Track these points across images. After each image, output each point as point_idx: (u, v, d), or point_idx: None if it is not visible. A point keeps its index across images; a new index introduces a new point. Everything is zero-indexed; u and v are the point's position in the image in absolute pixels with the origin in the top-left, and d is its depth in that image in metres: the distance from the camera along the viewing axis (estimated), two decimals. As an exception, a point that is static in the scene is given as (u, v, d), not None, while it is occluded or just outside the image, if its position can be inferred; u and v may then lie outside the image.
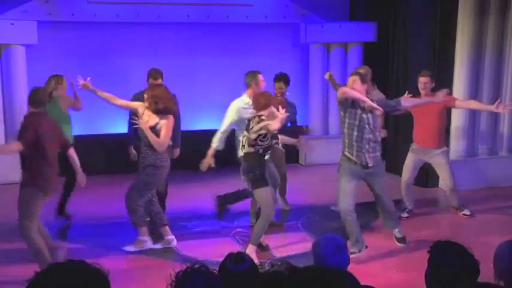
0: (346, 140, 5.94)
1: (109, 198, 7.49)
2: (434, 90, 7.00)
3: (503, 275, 3.06)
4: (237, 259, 2.84)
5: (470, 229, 6.83)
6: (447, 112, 7.30)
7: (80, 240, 6.52)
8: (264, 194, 5.85)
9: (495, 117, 8.62)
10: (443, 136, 7.17)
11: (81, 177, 5.69)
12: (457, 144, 8.31)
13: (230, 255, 2.90)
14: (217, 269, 2.87)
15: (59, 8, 8.63)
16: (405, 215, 7.32)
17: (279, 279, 2.22)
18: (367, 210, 7.57)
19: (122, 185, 7.33)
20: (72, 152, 5.62)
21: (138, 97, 6.59)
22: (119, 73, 9.04)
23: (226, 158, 6.85)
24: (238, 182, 7.97)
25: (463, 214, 7.29)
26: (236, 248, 6.07)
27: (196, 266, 2.46)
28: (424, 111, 6.93)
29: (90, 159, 7.42)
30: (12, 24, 8.42)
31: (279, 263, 2.37)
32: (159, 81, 6.75)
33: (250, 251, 5.75)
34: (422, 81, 6.98)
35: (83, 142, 7.82)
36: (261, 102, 5.87)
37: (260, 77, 6.56)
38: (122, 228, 6.89)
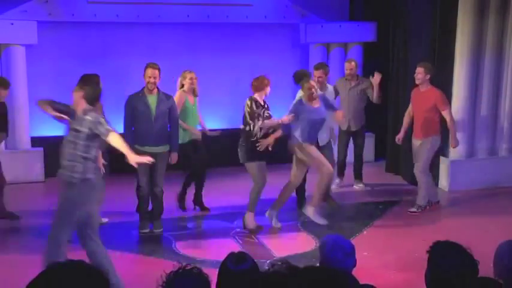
0: None
1: (108, 198, 7.46)
2: (434, 84, 7.33)
3: (502, 274, 3.07)
4: (238, 259, 2.84)
5: (469, 229, 6.83)
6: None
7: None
8: None
9: (495, 117, 8.62)
10: (431, 129, 7.28)
11: None
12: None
13: (231, 255, 2.89)
14: (218, 269, 2.87)
15: (59, 8, 8.63)
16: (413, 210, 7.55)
17: (279, 279, 2.22)
18: (367, 209, 7.59)
19: (122, 185, 7.35)
20: None
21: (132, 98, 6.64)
22: (119, 73, 9.03)
23: (227, 158, 6.86)
24: (238, 182, 8.00)
25: (409, 211, 7.42)
26: (236, 248, 6.07)
27: (188, 267, 2.46)
28: (416, 106, 7.38)
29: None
30: (12, 24, 8.41)
31: (279, 262, 2.37)
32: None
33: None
34: (416, 71, 7.31)
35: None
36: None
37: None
38: (121, 228, 6.90)
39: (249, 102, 6.63)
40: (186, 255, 5.97)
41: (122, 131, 7.18)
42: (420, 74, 7.22)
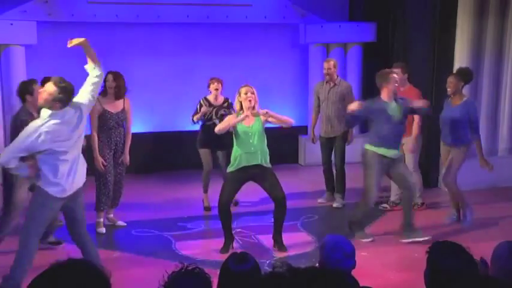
0: None
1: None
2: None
3: (499, 275, 3.07)
4: (240, 259, 2.85)
5: (469, 229, 6.84)
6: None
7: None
8: None
9: (495, 117, 8.62)
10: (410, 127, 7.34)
11: None
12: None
13: (233, 255, 2.90)
14: (217, 269, 2.88)
15: (59, 8, 8.63)
16: (385, 205, 7.72)
17: (280, 280, 2.23)
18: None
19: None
20: None
21: None
22: (119, 73, 9.03)
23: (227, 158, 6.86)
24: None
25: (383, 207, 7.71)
26: (236, 248, 6.07)
27: (190, 267, 2.46)
28: None
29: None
30: (12, 24, 8.41)
31: (280, 264, 2.37)
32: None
33: None
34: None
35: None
36: None
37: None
38: (121, 228, 6.90)
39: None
40: (185, 256, 5.97)
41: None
42: (398, 74, 7.12)
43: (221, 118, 7.23)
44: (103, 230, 6.68)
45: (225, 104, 7.51)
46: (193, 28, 9.51)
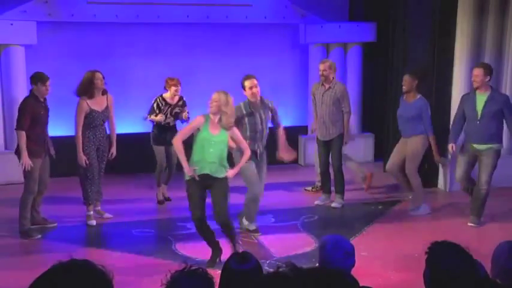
0: None
1: (108, 198, 7.47)
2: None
3: (499, 274, 3.07)
4: (242, 259, 2.85)
5: (469, 229, 6.84)
6: (446, 110, 7.42)
7: (80, 240, 6.53)
8: None
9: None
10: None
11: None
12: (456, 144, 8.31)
13: (235, 255, 2.90)
14: (217, 269, 2.88)
15: (58, 8, 8.63)
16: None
17: (282, 280, 2.23)
18: (367, 210, 7.60)
19: (121, 184, 7.35)
20: None
21: None
22: (119, 74, 9.03)
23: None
24: (236, 183, 7.97)
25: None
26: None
27: (193, 267, 2.46)
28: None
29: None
30: (12, 24, 8.42)
31: (283, 264, 2.38)
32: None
33: None
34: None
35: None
36: None
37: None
38: (121, 228, 6.90)
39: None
40: (185, 256, 5.97)
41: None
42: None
43: (175, 116, 7.66)
44: (93, 222, 6.90)
45: (180, 103, 7.75)
46: (193, 28, 9.51)
